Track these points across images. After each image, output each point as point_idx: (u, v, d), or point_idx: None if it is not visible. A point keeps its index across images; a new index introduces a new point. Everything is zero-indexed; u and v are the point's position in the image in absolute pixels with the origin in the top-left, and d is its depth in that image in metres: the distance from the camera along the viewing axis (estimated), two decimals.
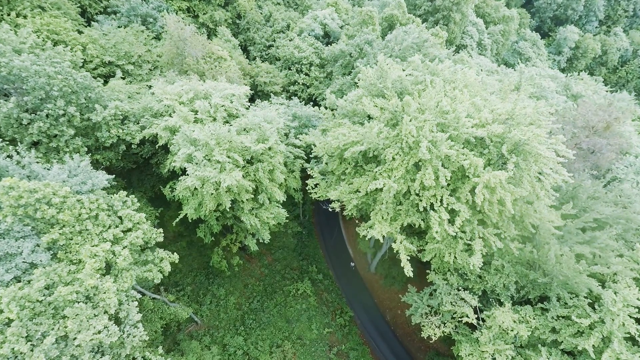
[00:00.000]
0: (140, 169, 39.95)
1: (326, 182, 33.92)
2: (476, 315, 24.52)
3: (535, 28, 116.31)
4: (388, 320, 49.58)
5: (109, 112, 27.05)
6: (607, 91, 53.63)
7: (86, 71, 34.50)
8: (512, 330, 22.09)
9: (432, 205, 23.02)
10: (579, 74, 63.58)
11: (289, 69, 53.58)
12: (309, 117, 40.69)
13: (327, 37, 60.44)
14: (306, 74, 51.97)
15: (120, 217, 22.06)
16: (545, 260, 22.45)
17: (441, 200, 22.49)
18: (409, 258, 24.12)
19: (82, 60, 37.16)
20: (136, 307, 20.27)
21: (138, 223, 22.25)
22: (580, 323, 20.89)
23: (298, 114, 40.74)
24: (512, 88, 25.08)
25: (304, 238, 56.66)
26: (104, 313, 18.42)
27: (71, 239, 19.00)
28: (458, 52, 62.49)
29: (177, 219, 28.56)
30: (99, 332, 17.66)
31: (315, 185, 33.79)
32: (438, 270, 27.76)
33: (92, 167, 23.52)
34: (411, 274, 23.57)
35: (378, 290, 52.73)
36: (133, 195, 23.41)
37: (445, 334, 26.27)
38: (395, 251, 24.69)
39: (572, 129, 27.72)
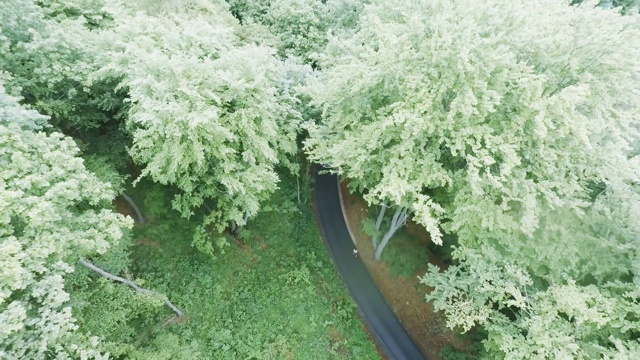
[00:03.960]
0: (109, 133, 34.15)
1: (327, 143, 28.13)
2: (524, 298, 18.80)
3: None
4: (395, 312, 44.30)
5: (50, 42, 21.17)
6: None
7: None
8: (579, 316, 16.36)
9: (469, 148, 17.24)
10: None
11: (285, 30, 47.74)
12: (305, 74, 35.02)
13: None
14: (304, 36, 46.12)
15: (48, 163, 16.22)
16: (625, 222, 16.74)
17: (482, 142, 16.72)
18: (436, 222, 18.33)
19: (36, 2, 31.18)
20: (62, 282, 14.45)
21: (73, 171, 16.40)
22: None
23: (294, 70, 35.04)
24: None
25: (301, 223, 51.22)
26: (4, 288, 12.60)
27: None
28: None
29: (138, 179, 22.73)
30: None
31: (314, 146, 27.99)
32: (467, 244, 21.99)
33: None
34: (440, 241, 17.83)
35: (384, 279, 47.37)
36: (71, 137, 17.55)
37: (480, 323, 20.58)
38: (417, 214, 18.87)
39: None
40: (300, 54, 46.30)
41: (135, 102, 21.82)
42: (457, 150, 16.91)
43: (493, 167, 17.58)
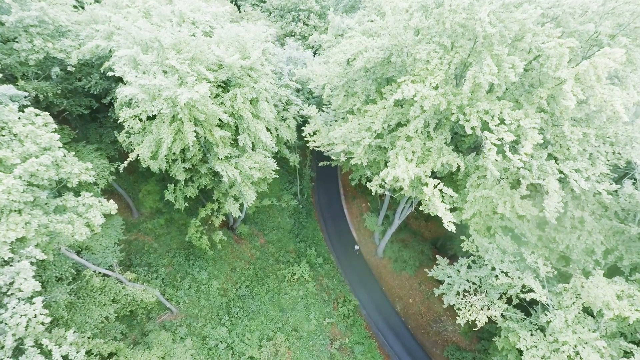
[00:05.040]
0: (100, 121, 32.61)
1: (328, 129, 26.59)
2: (544, 291, 17.16)
3: None
4: (398, 310, 42.81)
5: (30, 15, 19.65)
6: None
7: None
8: (609, 311, 14.77)
9: (485, 124, 15.67)
10: None
11: (284, 19, 46.21)
12: (306, 61, 33.51)
13: None
14: (304, 24, 44.59)
15: (20, 140, 14.68)
16: None
17: (501, 118, 15.15)
18: (447, 207, 16.78)
19: None
20: (32, 269, 12.89)
21: (48, 148, 14.86)
22: None
23: (294, 56, 33.55)
24: None
25: (301, 218, 49.72)
26: None
27: None
28: None
29: (125, 163, 21.21)
30: None
31: (315, 132, 26.44)
32: (479, 233, 20.41)
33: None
34: (453, 228, 16.30)
35: (386, 276, 45.84)
36: (47, 114, 15.99)
37: (494, 317, 19.01)
38: (427, 200, 17.29)
39: None
40: (300, 41, 44.78)
41: (123, 82, 20.34)
42: (473, 128, 15.34)
43: (511, 147, 16.03)
